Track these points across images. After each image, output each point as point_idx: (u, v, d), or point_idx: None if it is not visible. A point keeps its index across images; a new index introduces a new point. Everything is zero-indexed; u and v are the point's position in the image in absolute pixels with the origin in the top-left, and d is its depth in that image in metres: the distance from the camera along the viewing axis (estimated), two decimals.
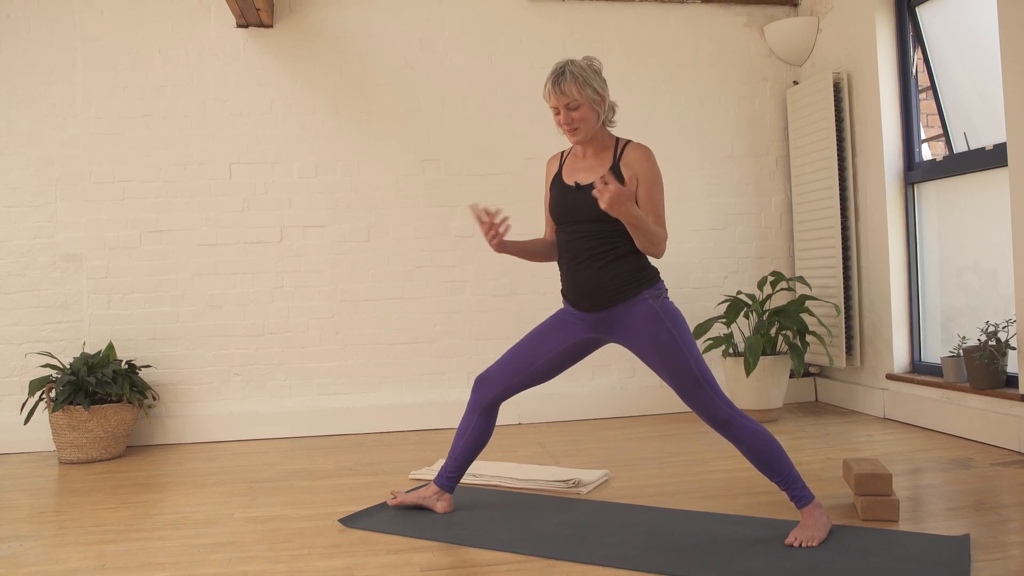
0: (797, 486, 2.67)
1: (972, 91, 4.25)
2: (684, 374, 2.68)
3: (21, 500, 3.56)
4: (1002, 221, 3.82)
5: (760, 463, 2.68)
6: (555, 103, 2.71)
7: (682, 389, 2.70)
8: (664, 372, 2.72)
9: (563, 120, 2.73)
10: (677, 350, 2.68)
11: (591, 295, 2.76)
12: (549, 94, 2.72)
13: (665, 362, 2.70)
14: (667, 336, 2.69)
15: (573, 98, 2.68)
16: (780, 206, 5.34)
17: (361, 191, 4.92)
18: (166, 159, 4.78)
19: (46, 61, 4.71)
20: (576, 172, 2.82)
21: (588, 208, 2.69)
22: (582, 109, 2.70)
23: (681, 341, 2.69)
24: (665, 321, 2.70)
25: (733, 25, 5.30)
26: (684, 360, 2.68)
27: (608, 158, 2.78)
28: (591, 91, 2.70)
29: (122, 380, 4.34)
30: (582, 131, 2.74)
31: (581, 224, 2.75)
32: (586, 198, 2.70)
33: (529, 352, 2.92)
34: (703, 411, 2.69)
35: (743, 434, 2.67)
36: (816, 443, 4.10)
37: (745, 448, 2.68)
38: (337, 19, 4.94)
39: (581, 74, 2.69)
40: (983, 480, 3.28)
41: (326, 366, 4.88)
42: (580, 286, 2.78)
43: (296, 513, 3.18)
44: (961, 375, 4.07)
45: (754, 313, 4.75)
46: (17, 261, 4.66)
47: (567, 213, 2.79)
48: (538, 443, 4.38)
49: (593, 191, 2.49)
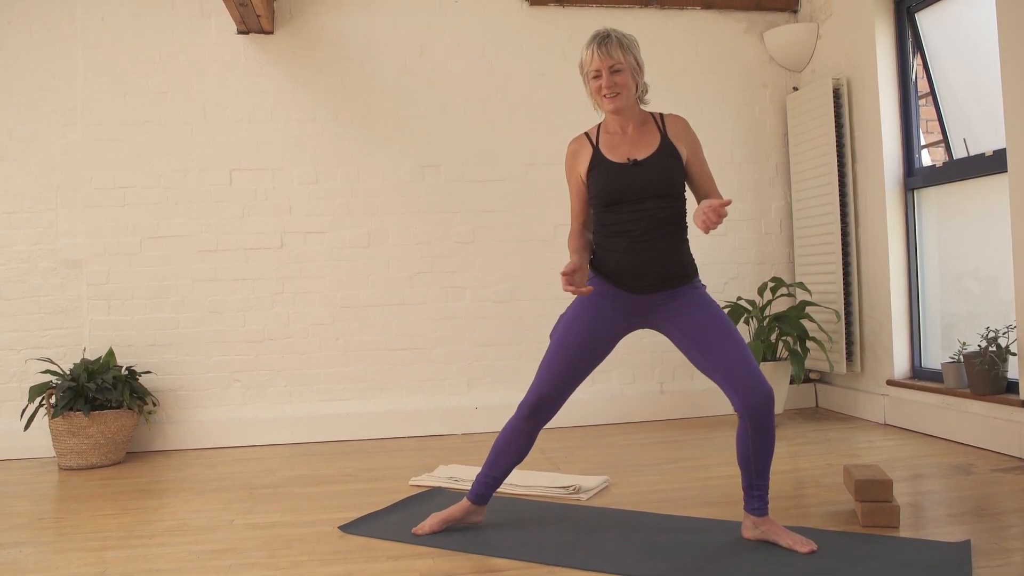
0: (766, 495, 2.68)
1: (972, 97, 4.25)
2: (737, 351, 2.59)
3: (21, 506, 3.55)
4: (1002, 227, 3.82)
5: (758, 463, 2.64)
6: (598, 65, 2.62)
7: (732, 366, 2.57)
8: (713, 349, 2.61)
9: (605, 84, 2.63)
10: (727, 328, 2.64)
11: (652, 275, 2.67)
12: (593, 56, 2.62)
13: (715, 337, 2.61)
14: (717, 315, 2.66)
15: (618, 60, 2.61)
16: (780, 212, 5.34)
17: (361, 197, 4.93)
18: (167, 165, 4.79)
19: (47, 67, 4.72)
20: (624, 149, 2.72)
21: (654, 184, 2.65)
22: (624, 74, 2.63)
23: (730, 323, 2.68)
24: (713, 304, 2.70)
25: (733, 31, 5.31)
26: (735, 337, 2.63)
27: (653, 131, 2.73)
28: (633, 58, 2.65)
29: (122, 386, 4.34)
30: (623, 96, 2.65)
31: (645, 201, 2.65)
32: (648, 173, 2.65)
33: (582, 366, 2.77)
34: (757, 388, 2.55)
35: (769, 427, 2.60)
36: (816, 449, 4.09)
37: (759, 443, 2.60)
38: (337, 25, 4.95)
39: (625, 40, 2.64)
40: (984, 486, 3.27)
41: (326, 372, 4.88)
42: (642, 265, 2.66)
43: (296, 519, 3.18)
44: (962, 381, 4.07)
45: (754, 319, 4.75)
46: (17, 267, 4.66)
47: (627, 191, 2.66)
48: (539, 449, 4.37)
49: (700, 224, 2.44)
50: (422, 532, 2.89)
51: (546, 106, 5.05)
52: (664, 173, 2.67)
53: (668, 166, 2.68)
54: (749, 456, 2.64)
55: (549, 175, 5.03)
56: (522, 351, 5.01)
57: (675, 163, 2.69)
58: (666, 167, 2.68)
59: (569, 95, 5.10)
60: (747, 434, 2.62)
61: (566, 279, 2.57)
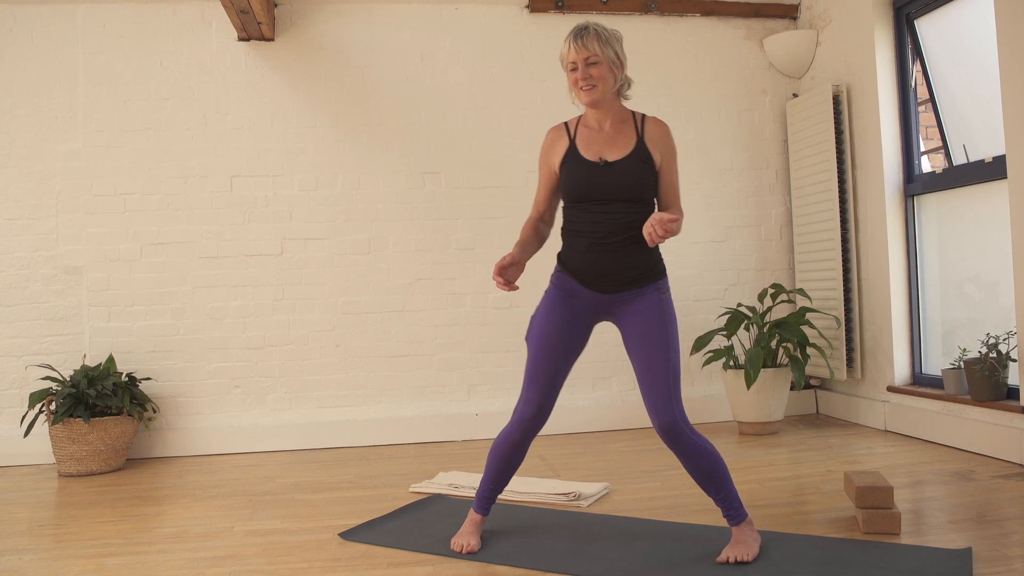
0: (734, 504, 2.66)
1: (971, 103, 4.26)
2: (660, 372, 2.61)
3: (21, 513, 3.55)
4: (1002, 233, 3.82)
5: (703, 479, 2.66)
6: (574, 57, 2.61)
7: (650, 385, 2.62)
8: (642, 363, 2.64)
9: (580, 76, 2.62)
10: (664, 347, 2.62)
11: (610, 278, 2.66)
12: (569, 48, 2.62)
13: (648, 353, 2.63)
14: (660, 330, 2.64)
15: (594, 52, 2.59)
16: (780, 218, 5.35)
17: (362, 204, 4.93)
18: (167, 172, 4.79)
19: (48, 74, 4.73)
20: (597, 147, 2.69)
21: (621, 188, 2.62)
22: (601, 67, 2.61)
23: (670, 340, 2.65)
24: (665, 315, 2.67)
25: (733, 38, 5.32)
26: (666, 358, 2.62)
27: (630, 132, 2.69)
28: (612, 52, 2.62)
29: (122, 393, 4.34)
30: (599, 89, 2.63)
31: (611, 203, 2.63)
32: (617, 176, 2.63)
33: (563, 367, 2.76)
34: (661, 414, 2.59)
35: (690, 449, 2.62)
36: (817, 456, 4.09)
37: (691, 464, 2.65)
38: (338, 33, 4.96)
39: (604, 33, 2.62)
40: (985, 493, 3.27)
41: (326, 379, 4.88)
42: (600, 267, 2.66)
43: (296, 526, 3.18)
44: (962, 387, 4.07)
45: (754, 325, 4.75)
46: (18, 274, 4.66)
47: (594, 191, 2.65)
48: (539, 456, 4.37)
49: (645, 235, 2.45)
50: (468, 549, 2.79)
51: (546, 113, 5.05)
52: (632, 178, 2.63)
53: (638, 171, 2.64)
54: (693, 477, 2.69)
55: None
56: (522, 358, 4.97)
57: (646, 168, 2.65)
58: (636, 172, 2.64)
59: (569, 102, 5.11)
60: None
61: (497, 270, 2.61)
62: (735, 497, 2.67)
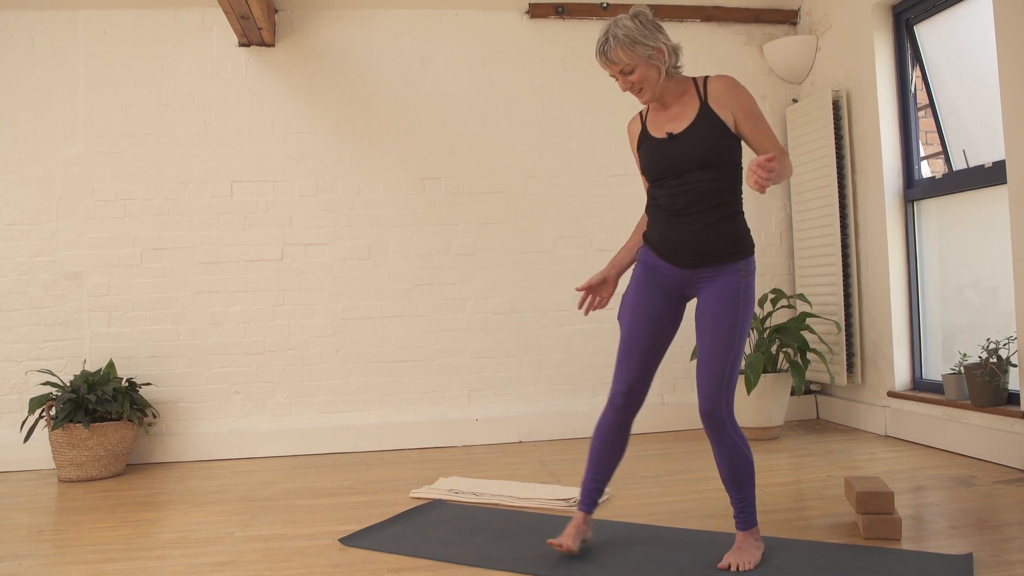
0: (749, 510, 2.65)
1: (970, 109, 4.26)
2: (717, 358, 2.56)
3: (20, 519, 3.55)
4: (1002, 238, 3.83)
5: (730, 477, 2.64)
6: (607, 71, 2.58)
7: (704, 369, 2.58)
8: (703, 344, 2.60)
9: (623, 86, 2.59)
10: (728, 334, 2.57)
11: (686, 251, 2.62)
12: (601, 65, 2.58)
13: (710, 337, 2.58)
14: (730, 316, 2.58)
15: (624, 63, 2.53)
16: (780, 224, 5.35)
17: (362, 209, 4.94)
18: (168, 177, 4.80)
19: (49, 80, 4.73)
20: (664, 124, 2.65)
21: (689, 157, 2.56)
22: (639, 70, 2.55)
23: (736, 329, 2.58)
24: (739, 301, 2.61)
25: (732, 43, 5.33)
26: (727, 346, 2.56)
27: (693, 100, 2.61)
28: (643, 48, 2.52)
29: (122, 398, 4.34)
30: (647, 91, 2.59)
31: (684, 175, 2.58)
32: (684, 146, 2.57)
33: (656, 342, 2.72)
34: (708, 401, 2.57)
35: (727, 445, 2.60)
36: (817, 461, 4.09)
37: (722, 458, 2.62)
38: (338, 38, 4.97)
39: (626, 35, 2.52)
40: (986, 498, 3.27)
41: (327, 384, 4.87)
42: (677, 240, 2.62)
43: (296, 532, 3.17)
44: (962, 392, 4.07)
45: (755, 331, 4.75)
46: (18, 279, 4.66)
47: (665, 167, 2.61)
48: (539, 461, 4.37)
49: (752, 185, 2.36)
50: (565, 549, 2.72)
51: (546, 118, 5.07)
52: (700, 144, 2.56)
53: (705, 135, 2.57)
54: (722, 472, 2.66)
55: (549, 187, 5.05)
56: (523, 363, 5.01)
57: (713, 131, 2.57)
58: (702, 137, 2.57)
59: (570, 107, 5.13)
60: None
61: (585, 292, 2.76)
62: (752, 503, 2.65)
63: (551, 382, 5.04)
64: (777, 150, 2.56)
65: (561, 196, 5.04)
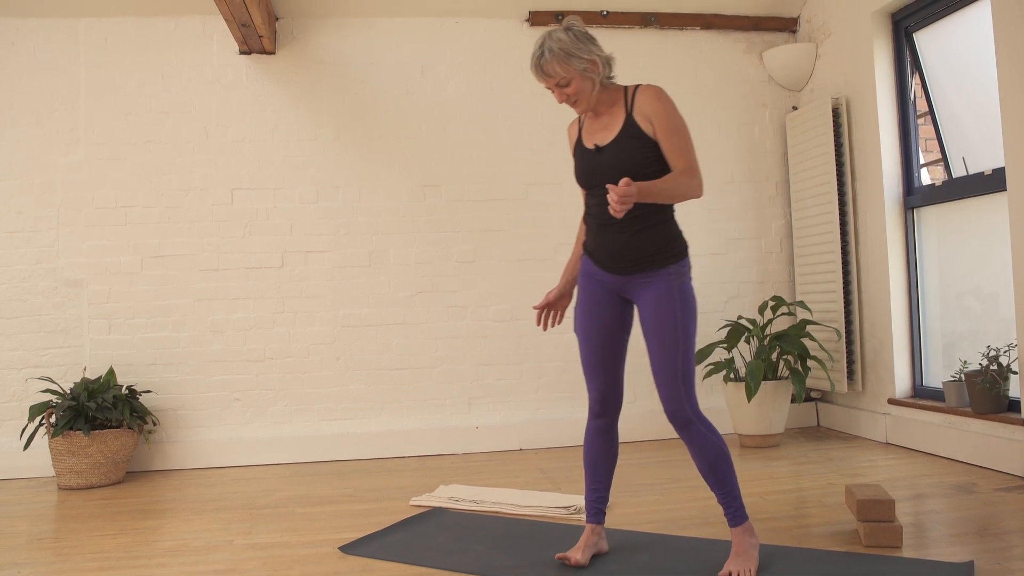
0: (736, 504, 2.64)
1: (970, 116, 4.27)
2: (668, 363, 2.60)
3: (19, 526, 3.54)
4: (1002, 245, 3.83)
5: (708, 472, 2.64)
6: (542, 83, 2.61)
7: (659, 375, 2.62)
8: (652, 352, 2.63)
9: (558, 98, 2.63)
10: (672, 337, 2.60)
11: (618, 259, 2.65)
12: (536, 78, 2.60)
13: (656, 343, 2.62)
14: (670, 320, 2.60)
15: (559, 76, 2.56)
16: (780, 231, 5.35)
17: (362, 216, 4.94)
18: (168, 185, 4.81)
19: (50, 87, 4.74)
20: (595, 133, 2.70)
21: (612, 169, 2.59)
22: (574, 83, 2.58)
23: (681, 329, 2.61)
24: (677, 303, 2.62)
25: (732, 51, 5.34)
26: (674, 349, 2.59)
27: (620, 111, 2.65)
28: (577, 61, 2.56)
29: (122, 405, 4.34)
30: (582, 102, 2.63)
31: (608, 186, 2.61)
32: (608, 160, 2.62)
33: (612, 348, 2.75)
34: (668, 403, 2.61)
35: (698, 440, 2.62)
36: (818, 468, 4.08)
37: (697, 453, 2.64)
38: (339, 46, 4.98)
39: (561, 49, 2.54)
40: (987, 506, 3.26)
41: (327, 391, 4.87)
42: (609, 249, 2.66)
43: (296, 540, 3.17)
44: (963, 400, 4.06)
45: (755, 338, 4.75)
46: (19, 286, 4.66)
47: (593, 177, 2.67)
48: (539, 469, 4.36)
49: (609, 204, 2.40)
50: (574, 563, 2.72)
51: (547, 125, 5.07)
52: (623, 157, 2.60)
53: (628, 148, 2.60)
54: (699, 468, 2.67)
55: (550, 194, 5.05)
56: (523, 370, 5.01)
57: (636, 143, 2.60)
58: (626, 149, 2.61)
59: (570, 114, 5.10)
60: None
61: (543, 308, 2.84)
62: (737, 497, 2.65)
63: (551, 389, 5.03)
64: (685, 168, 2.59)
65: (561, 203, 5.04)
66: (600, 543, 2.82)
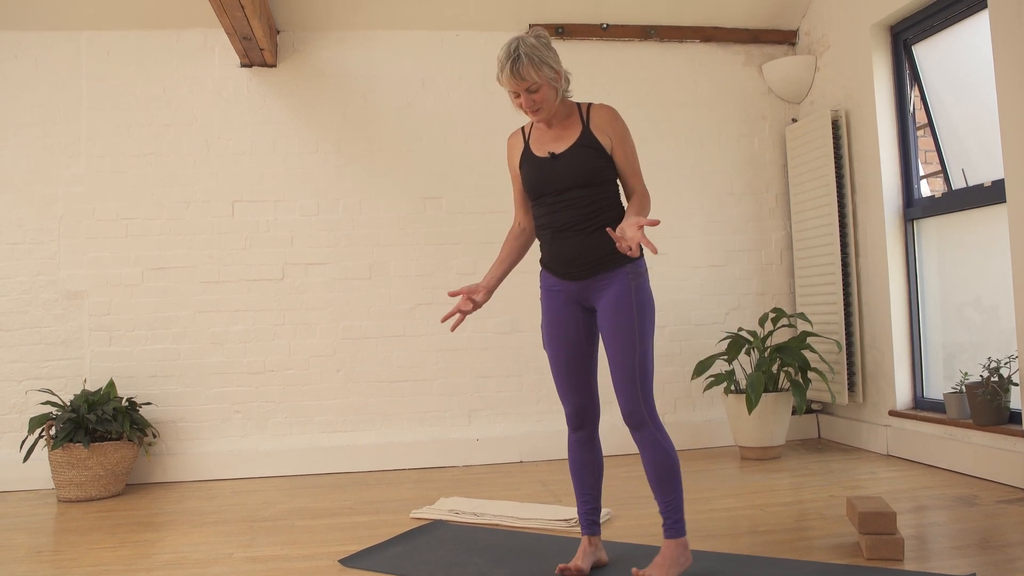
0: (677, 515, 2.65)
1: (969, 128, 4.28)
2: (626, 364, 2.62)
3: (19, 539, 3.53)
4: (1002, 257, 3.83)
5: (656, 478, 2.65)
6: (514, 87, 2.63)
7: (617, 377, 2.64)
8: (610, 354, 2.65)
9: (524, 103, 2.66)
10: (630, 339, 2.62)
11: (576, 263, 2.69)
12: (507, 80, 2.62)
13: (614, 345, 2.64)
14: (627, 321, 2.63)
15: (532, 80, 2.60)
16: (780, 243, 5.36)
17: (363, 229, 4.95)
18: (169, 197, 4.82)
19: (52, 100, 4.76)
20: (547, 143, 2.74)
21: (568, 175, 2.66)
22: (542, 90, 2.63)
23: (638, 329, 2.63)
24: (633, 303, 2.64)
25: (731, 64, 5.36)
26: (631, 347, 2.62)
27: (576, 124, 2.72)
28: (548, 69, 2.63)
29: (122, 417, 4.33)
30: (544, 110, 2.67)
31: (563, 193, 2.68)
32: (564, 166, 2.67)
33: (581, 360, 2.77)
34: (624, 403, 2.64)
35: (649, 443, 2.64)
36: (819, 480, 4.07)
37: (648, 457, 2.65)
38: (340, 59, 4.99)
39: (536, 54, 2.61)
40: (989, 518, 3.25)
41: (327, 404, 4.87)
42: (565, 254, 2.70)
43: (296, 552, 3.16)
44: (964, 411, 4.06)
45: (755, 350, 4.75)
46: (20, 298, 4.67)
47: (546, 185, 2.71)
48: (540, 481, 4.35)
49: (620, 246, 2.44)
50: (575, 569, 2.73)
51: None
52: (579, 164, 2.66)
53: (584, 157, 2.67)
54: (647, 473, 2.68)
55: None
56: (523, 382, 5.01)
57: (592, 152, 2.67)
58: (582, 158, 2.67)
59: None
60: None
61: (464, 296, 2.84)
62: (680, 509, 2.66)
63: (552, 401, 5.02)
64: (640, 189, 2.72)
65: None
66: (599, 554, 2.82)
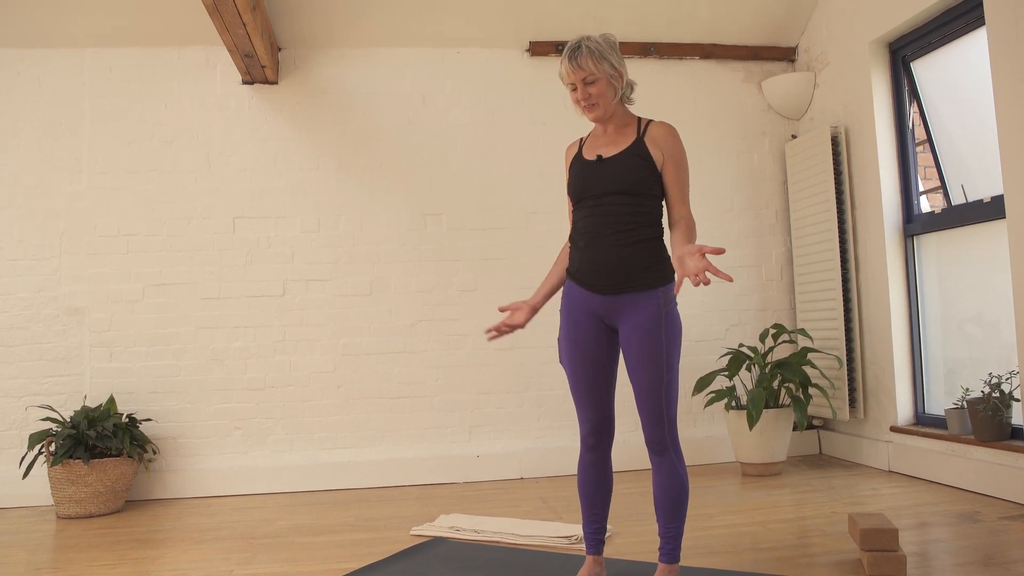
0: (676, 544, 2.63)
1: (968, 144, 4.29)
2: (653, 390, 2.58)
3: (18, 556, 3.52)
4: (1002, 272, 3.83)
5: (665, 505, 2.63)
6: (572, 78, 2.60)
7: (642, 405, 2.60)
8: (636, 381, 2.60)
9: (580, 96, 2.62)
10: (658, 362, 2.57)
11: (605, 274, 2.61)
12: (566, 70, 2.60)
13: (641, 373, 2.59)
14: (655, 349, 2.57)
15: (590, 72, 2.58)
16: (780, 259, 5.36)
17: (363, 245, 4.95)
18: (170, 213, 4.83)
19: (54, 116, 4.78)
20: (598, 148, 2.71)
21: (611, 179, 2.61)
22: (599, 84, 2.60)
23: (666, 356, 2.58)
24: (663, 329, 2.58)
25: (731, 81, 5.38)
26: (659, 376, 2.57)
27: (632, 133, 2.68)
28: (608, 65, 2.59)
29: (122, 434, 4.32)
30: (600, 106, 2.63)
31: (603, 197, 2.62)
32: (609, 170, 2.63)
33: (601, 376, 2.71)
34: (650, 432, 2.60)
35: (667, 469, 2.62)
36: (821, 497, 4.06)
37: (662, 482, 2.63)
38: (341, 76, 5.02)
39: (598, 48, 2.59)
40: (991, 534, 3.24)
41: (327, 420, 4.86)
42: (598, 263, 2.62)
43: (296, 570, 3.14)
44: (965, 427, 4.05)
45: (756, 366, 4.74)
46: (20, 314, 4.67)
47: (588, 187, 2.66)
48: (540, 498, 4.34)
49: (687, 277, 2.35)
50: None
51: (547, 155, 5.10)
52: (625, 170, 2.62)
53: (632, 164, 2.62)
54: (657, 497, 2.65)
55: (551, 223, 5.06)
56: (524, 399, 5.00)
57: (641, 162, 2.62)
58: (629, 165, 2.62)
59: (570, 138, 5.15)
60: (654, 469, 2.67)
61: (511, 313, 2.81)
62: (680, 536, 2.64)
63: (552, 418, 5.02)
64: (688, 216, 2.66)
65: (562, 232, 5.01)
66: (601, 573, 2.80)
